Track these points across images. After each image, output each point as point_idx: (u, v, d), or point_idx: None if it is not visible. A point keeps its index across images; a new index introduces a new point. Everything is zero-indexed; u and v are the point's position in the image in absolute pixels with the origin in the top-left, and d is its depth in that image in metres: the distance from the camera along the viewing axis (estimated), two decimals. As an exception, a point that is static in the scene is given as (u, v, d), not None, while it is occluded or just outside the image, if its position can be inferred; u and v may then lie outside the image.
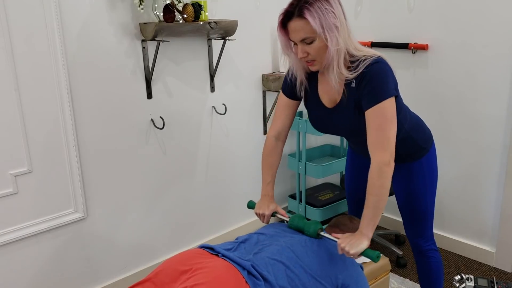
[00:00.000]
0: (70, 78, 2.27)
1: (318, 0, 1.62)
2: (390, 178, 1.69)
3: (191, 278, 1.54)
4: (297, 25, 1.65)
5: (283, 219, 1.99)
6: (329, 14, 1.62)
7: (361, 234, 1.69)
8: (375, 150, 1.69)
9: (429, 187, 2.06)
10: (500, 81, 2.67)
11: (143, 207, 2.72)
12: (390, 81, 1.71)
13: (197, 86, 2.81)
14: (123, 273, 2.71)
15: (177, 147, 2.80)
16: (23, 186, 2.22)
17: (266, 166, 2.05)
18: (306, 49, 1.69)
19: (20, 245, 2.27)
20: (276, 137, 2.02)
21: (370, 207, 1.69)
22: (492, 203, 2.87)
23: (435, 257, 2.15)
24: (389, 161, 1.67)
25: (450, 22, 2.80)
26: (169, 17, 2.40)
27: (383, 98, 1.68)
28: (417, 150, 1.99)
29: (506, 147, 2.73)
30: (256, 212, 2.03)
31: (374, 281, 2.25)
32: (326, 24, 1.62)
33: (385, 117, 1.68)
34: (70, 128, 2.30)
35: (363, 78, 1.70)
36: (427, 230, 2.12)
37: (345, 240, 1.69)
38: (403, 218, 2.14)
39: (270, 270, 1.63)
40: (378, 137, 1.68)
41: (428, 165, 2.04)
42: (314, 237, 1.82)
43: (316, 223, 1.84)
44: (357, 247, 1.66)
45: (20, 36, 2.08)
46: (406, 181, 2.04)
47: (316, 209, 3.27)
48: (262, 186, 2.05)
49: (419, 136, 1.99)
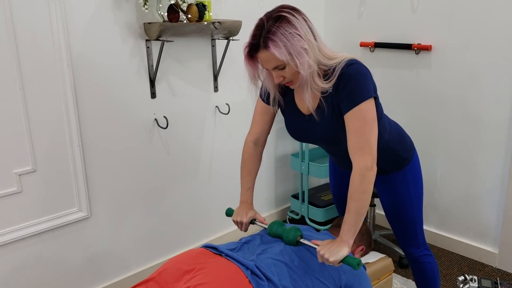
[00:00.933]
0: (75, 77, 2.28)
1: (280, 26, 1.55)
2: (372, 183, 1.63)
3: (195, 277, 1.55)
4: (265, 56, 1.59)
5: (262, 226, 1.91)
6: (294, 38, 1.55)
7: (341, 241, 1.62)
8: (356, 155, 1.63)
9: (414, 196, 2.01)
10: (503, 82, 2.67)
11: (146, 206, 2.72)
12: (368, 82, 1.66)
13: (200, 86, 2.81)
14: (126, 272, 2.71)
15: (181, 147, 2.80)
16: (27, 185, 2.23)
17: (245, 172, 1.99)
18: (281, 74, 1.64)
19: (23, 244, 2.28)
20: (255, 142, 1.97)
21: (352, 213, 1.62)
22: (495, 204, 2.87)
23: (429, 262, 2.12)
24: (371, 165, 1.61)
25: (453, 23, 2.80)
26: (174, 17, 2.40)
27: (362, 99, 1.62)
28: (398, 160, 1.95)
29: (509, 148, 2.73)
30: (233, 219, 1.95)
31: (377, 282, 2.25)
32: (293, 50, 1.55)
33: (365, 119, 1.62)
34: (74, 127, 2.31)
35: (340, 82, 1.65)
36: (417, 238, 2.08)
37: (325, 247, 1.62)
38: (392, 228, 2.11)
39: (273, 271, 1.64)
40: (359, 141, 1.62)
41: (412, 174, 2.00)
42: (293, 244, 1.75)
43: (295, 230, 1.77)
44: (337, 254, 1.58)
45: (25, 35, 2.09)
46: (390, 192, 2.01)
47: (319, 209, 3.27)
48: (240, 192, 1.98)
49: (400, 146, 1.95)
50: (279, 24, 1.55)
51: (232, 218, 1.96)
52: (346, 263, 1.60)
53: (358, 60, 1.69)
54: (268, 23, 1.57)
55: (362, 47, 3.27)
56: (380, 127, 1.75)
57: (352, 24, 3.31)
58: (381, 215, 3.45)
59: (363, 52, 3.27)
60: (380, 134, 1.74)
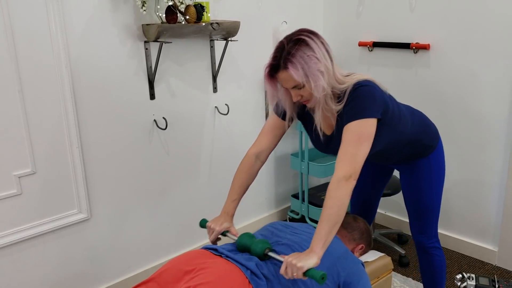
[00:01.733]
0: (73, 79, 2.28)
1: (299, 49, 1.62)
2: (349, 194, 1.62)
3: (195, 278, 1.55)
4: (285, 76, 1.66)
5: (232, 238, 1.86)
6: (311, 61, 1.62)
7: (311, 250, 1.58)
8: (340, 164, 1.65)
9: (436, 183, 2.08)
10: (502, 80, 2.67)
11: (146, 207, 2.73)
12: (375, 103, 1.70)
13: (199, 87, 2.82)
14: (127, 273, 2.72)
15: (180, 148, 2.81)
16: (27, 187, 2.24)
17: (237, 184, 1.97)
18: (299, 93, 1.70)
19: (24, 246, 2.29)
20: (257, 155, 1.96)
21: (324, 220, 1.59)
22: (495, 202, 2.87)
23: (438, 255, 2.17)
24: (350, 176, 1.62)
25: (451, 22, 2.80)
26: (172, 18, 2.41)
27: (361, 116, 1.66)
28: (424, 149, 2.03)
29: (508, 146, 2.73)
30: (208, 225, 1.90)
31: (376, 280, 2.26)
32: (310, 73, 1.62)
33: (359, 135, 1.65)
34: (74, 129, 2.32)
35: (349, 102, 1.71)
36: (431, 228, 2.13)
37: (294, 255, 1.58)
38: (409, 214, 2.16)
39: (272, 270, 1.65)
40: (346, 152, 1.65)
41: (436, 161, 2.07)
42: (261, 257, 1.70)
43: (263, 242, 1.72)
44: (305, 261, 1.53)
45: (23, 37, 2.09)
46: (413, 176, 2.07)
47: (319, 208, 3.27)
48: (225, 203, 1.94)
49: (423, 136, 2.01)
50: (298, 47, 1.63)
51: (208, 224, 1.90)
52: (309, 276, 1.54)
53: (370, 81, 1.74)
54: (288, 46, 1.64)
55: (360, 46, 3.27)
56: (401, 128, 1.88)
57: (351, 23, 3.32)
58: (381, 214, 3.46)
59: (361, 51, 3.28)
60: (402, 133, 1.89)
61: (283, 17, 3.12)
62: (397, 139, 1.90)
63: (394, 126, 1.84)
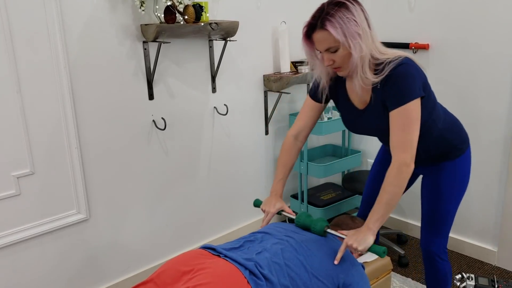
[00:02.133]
0: (72, 79, 2.28)
1: (339, 10, 1.65)
2: (407, 179, 1.71)
3: (193, 278, 1.55)
4: (321, 36, 1.68)
5: (289, 217, 2.00)
6: (350, 23, 1.64)
7: (368, 228, 1.72)
8: (397, 150, 1.72)
9: (457, 190, 2.04)
10: (501, 80, 2.67)
11: (145, 207, 2.73)
12: (417, 82, 1.72)
13: (198, 87, 2.82)
14: (126, 273, 2.72)
15: (179, 148, 2.81)
16: (25, 188, 2.23)
17: (281, 164, 2.08)
18: (332, 57, 1.72)
19: (23, 247, 2.28)
20: (295, 136, 2.06)
21: (383, 203, 1.71)
22: (494, 202, 2.87)
23: (443, 269, 2.12)
24: (409, 163, 1.70)
25: (450, 22, 2.80)
26: (170, 18, 2.40)
27: (407, 100, 1.69)
28: (451, 150, 1.98)
29: (507, 146, 2.73)
30: (262, 208, 2.04)
31: (375, 281, 2.25)
32: (348, 33, 1.64)
33: (409, 118, 1.70)
34: (72, 130, 2.31)
35: (388, 80, 1.72)
36: (442, 238, 2.08)
37: (352, 237, 1.72)
38: (422, 218, 2.11)
39: (272, 270, 1.64)
40: (401, 138, 1.71)
41: (462, 167, 2.02)
42: (321, 234, 1.84)
43: (322, 221, 1.86)
44: (365, 243, 1.69)
45: (21, 38, 2.09)
46: (436, 179, 2.02)
47: (318, 208, 3.27)
48: (273, 183, 2.08)
49: (453, 136, 1.99)
50: (338, 9, 1.65)
51: (261, 207, 2.03)
52: (372, 251, 1.69)
53: (411, 58, 1.76)
54: (328, 7, 1.67)
55: (359, 46, 3.26)
56: (434, 116, 1.88)
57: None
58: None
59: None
60: (434, 122, 1.88)
61: (282, 17, 3.12)
62: (429, 127, 1.88)
63: (430, 111, 1.84)
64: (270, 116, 3.24)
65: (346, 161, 3.37)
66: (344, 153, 3.57)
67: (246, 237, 1.87)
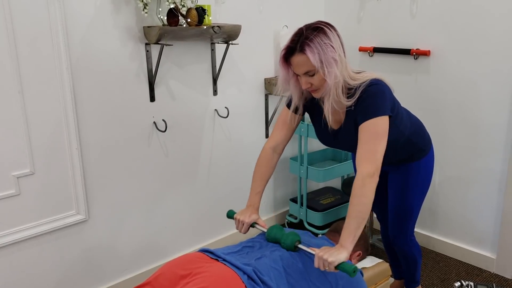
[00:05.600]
0: (74, 80, 2.28)
1: (317, 36, 1.69)
2: (373, 190, 1.70)
3: (191, 282, 1.55)
4: (299, 60, 1.72)
5: (262, 230, 1.93)
6: (328, 49, 1.69)
7: (341, 246, 1.66)
8: (362, 162, 1.73)
9: (421, 187, 2.19)
10: (501, 87, 2.67)
11: (144, 209, 2.73)
12: (386, 101, 1.79)
13: (200, 90, 2.82)
14: (124, 275, 2.71)
15: (179, 150, 2.81)
16: (25, 188, 2.23)
17: (258, 177, 2.04)
18: (309, 80, 1.76)
19: (21, 247, 2.28)
20: (273, 149, 2.04)
21: (352, 217, 1.68)
22: (493, 209, 2.87)
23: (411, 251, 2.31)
24: (373, 173, 1.70)
25: (452, 29, 2.80)
26: (173, 21, 2.41)
27: (376, 115, 1.74)
28: (417, 151, 2.11)
29: (507, 153, 2.73)
30: (236, 217, 1.98)
31: (374, 287, 2.25)
32: (325, 59, 1.69)
33: (376, 132, 1.74)
34: (73, 130, 2.31)
35: (359, 100, 1.78)
36: (408, 229, 2.25)
37: (324, 249, 1.66)
38: (389, 213, 2.25)
39: (271, 276, 1.64)
40: (367, 150, 1.73)
41: (426, 166, 2.17)
42: (292, 249, 1.77)
43: (294, 235, 1.79)
44: (336, 256, 1.61)
45: (24, 38, 2.09)
46: (401, 177, 2.17)
47: (317, 213, 3.27)
48: (249, 196, 2.03)
49: (419, 139, 2.11)
50: (316, 34, 1.70)
51: (235, 216, 2.00)
52: (341, 269, 1.61)
53: (380, 79, 1.82)
54: (307, 31, 1.72)
55: (361, 51, 3.27)
56: (401, 127, 1.96)
57: (352, 28, 3.32)
58: (379, 220, 3.45)
59: (362, 57, 3.28)
60: (401, 132, 1.97)
61: (284, 21, 3.12)
62: (397, 138, 1.95)
63: (397, 125, 1.92)
64: (270, 120, 3.25)
65: (346, 165, 3.37)
66: (344, 158, 3.57)
67: (244, 243, 1.87)
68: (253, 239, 1.91)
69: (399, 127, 1.94)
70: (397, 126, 1.92)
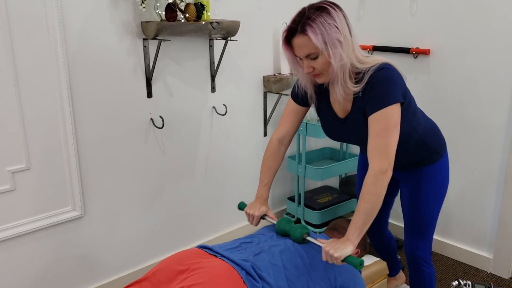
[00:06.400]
0: (70, 75, 2.26)
1: (320, 15, 1.60)
2: (385, 186, 1.65)
3: (188, 278, 1.54)
4: (301, 41, 1.64)
5: (271, 222, 1.95)
6: (331, 29, 1.60)
7: (347, 239, 1.64)
8: (374, 157, 1.66)
9: (438, 193, 2.03)
10: (501, 87, 2.67)
11: (141, 206, 2.71)
12: (397, 87, 1.68)
13: (197, 86, 2.80)
14: (120, 272, 2.70)
15: (177, 147, 2.79)
16: (20, 183, 2.21)
17: (265, 168, 2.03)
18: (311, 64, 1.67)
19: (16, 242, 2.26)
20: (280, 140, 2.01)
21: (361, 213, 1.64)
22: (491, 209, 2.86)
23: (430, 273, 2.12)
24: (386, 169, 1.63)
25: (452, 28, 2.79)
26: (171, 16, 2.39)
27: (386, 104, 1.65)
28: (430, 154, 1.97)
29: (505, 153, 2.72)
30: (246, 211, 1.99)
31: (371, 285, 2.24)
32: (328, 40, 1.60)
33: (387, 123, 1.65)
34: (69, 126, 2.29)
35: (367, 87, 1.68)
36: (427, 241, 2.08)
37: (330, 244, 1.65)
38: (405, 224, 2.10)
39: (270, 272, 1.63)
40: (378, 144, 1.65)
41: (441, 171, 2.02)
42: (300, 241, 1.79)
43: (302, 227, 1.81)
44: (342, 251, 1.60)
45: (20, 32, 2.07)
46: (415, 184, 2.01)
47: (315, 211, 3.26)
48: (258, 188, 2.03)
49: (433, 141, 1.97)
50: (319, 13, 1.61)
51: (245, 210, 2.00)
52: (348, 262, 1.62)
53: (390, 64, 1.72)
54: (309, 11, 1.62)
55: (360, 50, 3.26)
56: (414, 122, 1.85)
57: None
58: (376, 219, 3.44)
59: (361, 55, 3.27)
60: (414, 128, 1.86)
61: (284, 18, 3.11)
62: (408, 134, 1.85)
63: (410, 119, 1.82)
64: (269, 118, 3.23)
65: (344, 164, 3.36)
66: (341, 157, 3.56)
67: (243, 239, 1.86)
68: (251, 235, 1.89)
69: (411, 121, 1.83)
70: (410, 120, 1.82)
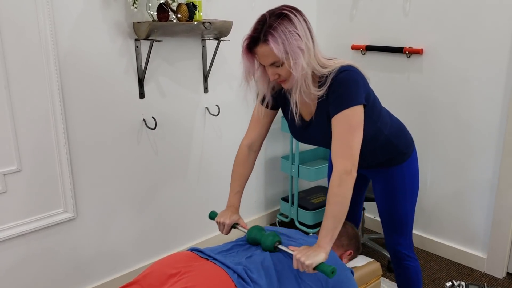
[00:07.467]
0: (62, 76, 2.24)
1: (281, 23, 1.58)
2: (351, 188, 1.62)
3: (179, 281, 1.53)
4: (264, 50, 1.61)
5: (242, 231, 1.89)
6: (293, 37, 1.58)
7: (319, 246, 1.61)
8: (337, 158, 1.64)
9: (410, 191, 2.03)
10: (494, 86, 2.67)
11: (133, 208, 2.69)
12: (359, 88, 1.67)
13: (190, 87, 2.79)
14: (112, 274, 2.68)
15: (169, 148, 2.78)
16: (12, 185, 2.19)
17: (236, 176, 1.98)
18: (277, 71, 1.66)
19: (8, 245, 2.24)
20: (250, 146, 1.97)
21: (329, 217, 1.61)
22: (484, 209, 2.87)
23: (414, 266, 2.12)
24: (350, 170, 1.61)
25: (445, 27, 2.79)
26: (163, 16, 2.38)
27: (348, 105, 1.63)
28: (398, 154, 1.97)
29: (498, 152, 2.73)
30: (216, 220, 1.93)
31: (364, 286, 2.24)
32: (290, 49, 1.58)
33: (349, 124, 1.64)
34: (61, 127, 2.28)
35: (330, 88, 1.67)
36: (406, 238, 2.09)
37: (301, 251, 1.60)
38: (382, 224, 2.12)
39: (262, 274, 1.62)
40: (341, 145, 1.64)
41: (409, 170, 2.01)
42: (271, 250, 1.73)
43: (273, 235, 1.75)
44: (313, 258, 1.56)
45: (11, 32, 2.05)
46: (386, 185, 2.02)
47: (309, 212, 3.26)
48: (229, 196, 1.97)
49: (399, 141, 1.96)
50: (280, 21, 1.59)
51: (216, 219, 1.94)
52: (320, 270, 1.57)
53: (353, 66, 1.71)
54: (270, 19, 1.60)
55: (353, 50, 3.26)
56: (380, 123, 1.83)
57: (344, 26, 3.30)
58: (370, 219, 3.44)
59: (354, 55, 3.27)
60: (380, 130, 1.84)
61: (276, 18, 3.10)
62: (374, 135, 1.84)
63: (375, 120, 1.81)
64: (262, 118, 3.22)
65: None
66: (335, 157, 3.55)
67: (235, 241, 1.85)
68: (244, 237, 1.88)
69: (377, 122, 1.82)
70: (375, 122, 1.81)
